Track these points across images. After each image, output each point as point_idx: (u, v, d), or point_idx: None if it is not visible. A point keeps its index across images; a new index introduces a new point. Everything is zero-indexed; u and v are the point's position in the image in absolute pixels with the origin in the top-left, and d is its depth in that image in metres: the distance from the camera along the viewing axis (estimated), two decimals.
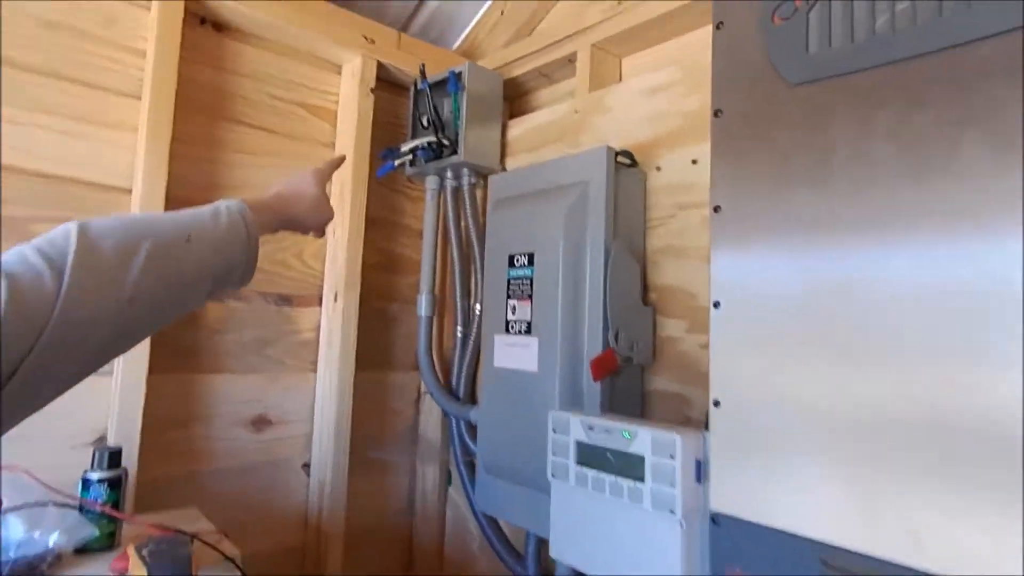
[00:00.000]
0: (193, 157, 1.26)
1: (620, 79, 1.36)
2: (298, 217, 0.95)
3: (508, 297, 1.14)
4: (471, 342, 1.43)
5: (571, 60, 1.37)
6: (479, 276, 1.39)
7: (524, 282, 1.11)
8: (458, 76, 1.36)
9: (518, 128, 1.44)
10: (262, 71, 1.35)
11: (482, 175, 1.44)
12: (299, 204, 0.96)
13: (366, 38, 1.39)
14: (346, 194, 1.38)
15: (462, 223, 1.43)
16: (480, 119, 1.39)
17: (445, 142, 1.38)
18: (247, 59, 1.33)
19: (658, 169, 1.13)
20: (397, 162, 1.37)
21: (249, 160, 1.32)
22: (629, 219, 1.10)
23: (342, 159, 1.08)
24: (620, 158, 1.09)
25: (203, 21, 1.28)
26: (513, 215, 1.16)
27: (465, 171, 1.40)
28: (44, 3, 1.11)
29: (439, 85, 1.38)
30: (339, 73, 1.46)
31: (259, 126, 1.34)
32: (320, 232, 1.05)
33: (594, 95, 1.26)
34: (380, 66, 1.43)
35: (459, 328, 1.45)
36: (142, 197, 1.13)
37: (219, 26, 1.29)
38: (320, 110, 1.43)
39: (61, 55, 1.12)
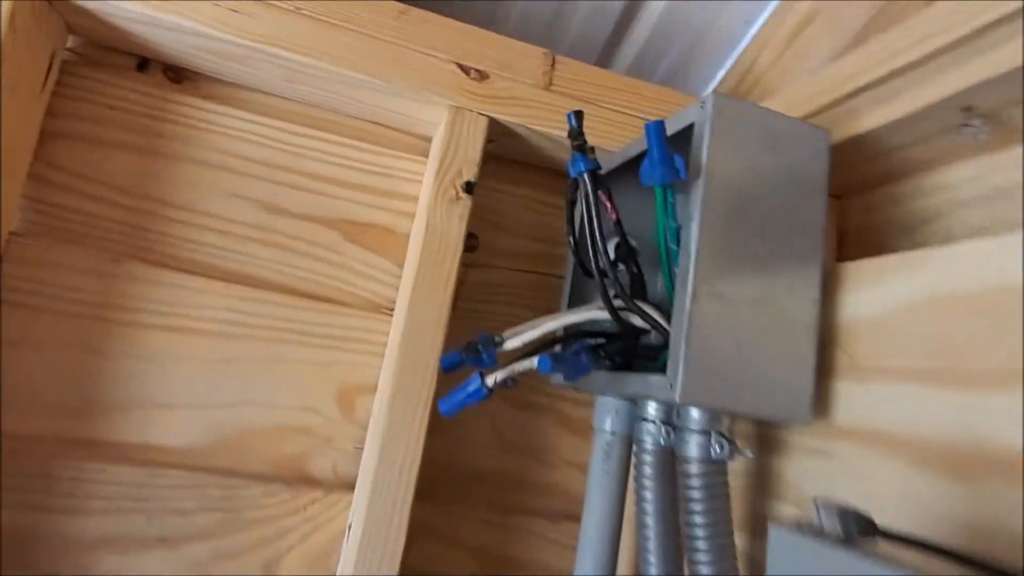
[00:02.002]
0: (38, 343, 0.51)
1: None
2: None
3: None
4: None
5: None
6: None
7: None
8: (672, 140, 0.41)
9: (886, 290, 0.40)
10: (251, 155, 0.57)
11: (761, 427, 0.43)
12: None
13: (462, 67, 0.52)
14: (375, 439, 0.50)
15: None
16: (737, 260, 0.40)
17: (640, 324, 0.43)
18: (224, 134, 0.57)
19: None
20: (493, 380, 0.45)
21: (197, 352, 0.53)
22: None
23: None
24: None
25: (143, 65, 0.54)
26: None
27: (694, 417, 0.41)
28: None
29: (634, 166, 0.44)
30: (427, 154, 0.61)
31: (228, 275, 0.55)
32: None
33: None
34: (499, 129, 0.55)
35: None
36: None
37: (176, 73, 0.55)
38: (373, 232, 0.59)
39: None
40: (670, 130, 0.45)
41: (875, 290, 0.42)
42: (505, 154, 0.63)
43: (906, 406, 0.38)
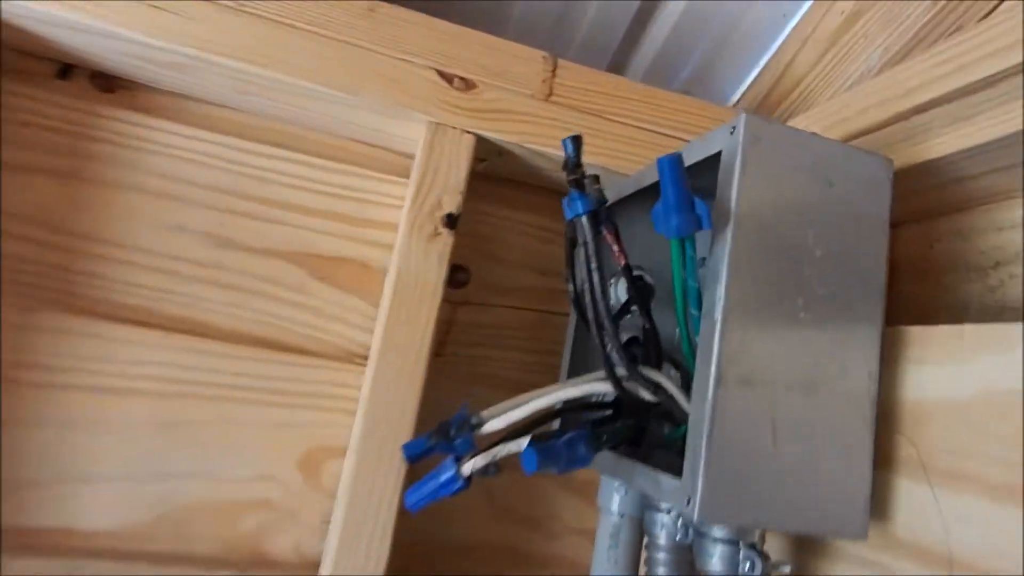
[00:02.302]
0: None
1: None
2: None
3: None
4: None
5: None
6: None
7: None
8: (693, 169, 0.32)
9: (970, 368, 0.33)
10: (199, 179, 0.49)
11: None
12: None
13: (443, 75, 0.44)
14: (341, 511, 0.43)
15: None
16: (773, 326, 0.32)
17: (651, 398, 0.35)
18: (165, 153, 0.50)
19: None
20: (470, 468, 0.37)
21: (131, 415, 0.46)
22: None
23: None
24: None
25: (66, 71, 0.47)
26: None
27: (716, 549, 0.33)
28: None
29: (645, 197, 0.36)
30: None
31: (170, 323, 0.47)
32: None
33: None
34: (489, 147, 0.47)
35: None
36: None
37: (106, 81, 0.48)
38: (345, 268, 0.52)
39: None
40: (691, 159, 0.37)
41: (954, 366, 0.34)
42: (499, 173, 0.55)
43: (998, 533, 0.30)
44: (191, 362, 0.49)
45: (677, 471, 0.33)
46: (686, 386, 0.41)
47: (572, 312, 0.51)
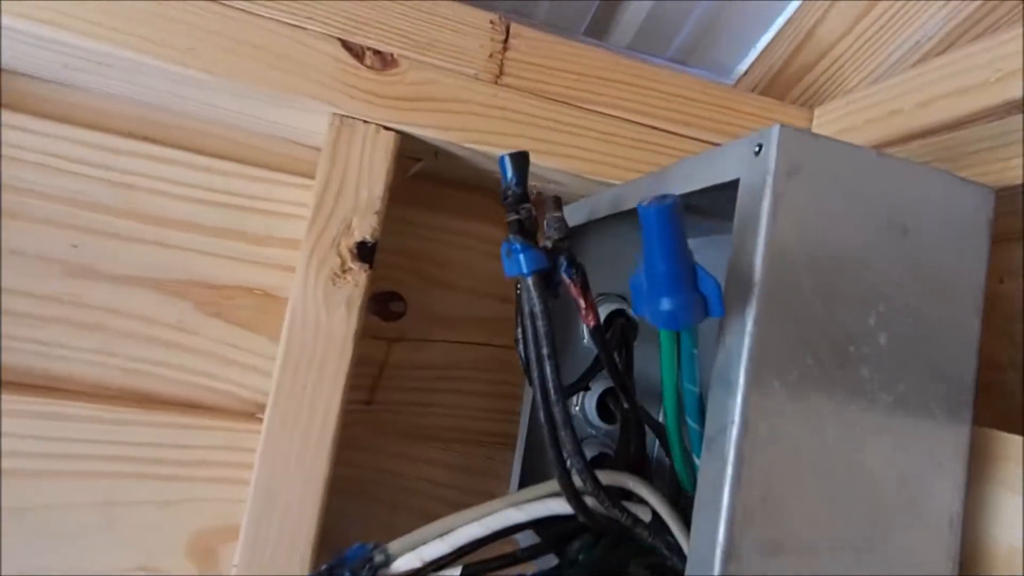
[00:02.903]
0: None
1: None
2: None
3: None
4: None
5: None
6: None
7: None
8: (695, 196, 0.21)
9: None
10: (42, 187, 0.36)
11: None
12: None
13: (349, 48, 0.30)
14: None
15: None
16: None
17: (626, 521, 0.22)
18: None
19: None
20: None
21: None
22: None
23: None
24: None
25: None
26: None
27: None
28: None
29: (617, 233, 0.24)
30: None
31: (9, 377, 0.34)
32: None
33: None
34: (418, 146, 0.33)
35: None
36: None
37: None
38: (242, 299, 0.39)
39: None
40: (691, 186, 0.25)
41: None
42: (440, 174, 0.42)
43: None
44: (40, 428, 0.37)
45: None
46: (676, 489, 0.29)
47: (523, 424, 0.39)
